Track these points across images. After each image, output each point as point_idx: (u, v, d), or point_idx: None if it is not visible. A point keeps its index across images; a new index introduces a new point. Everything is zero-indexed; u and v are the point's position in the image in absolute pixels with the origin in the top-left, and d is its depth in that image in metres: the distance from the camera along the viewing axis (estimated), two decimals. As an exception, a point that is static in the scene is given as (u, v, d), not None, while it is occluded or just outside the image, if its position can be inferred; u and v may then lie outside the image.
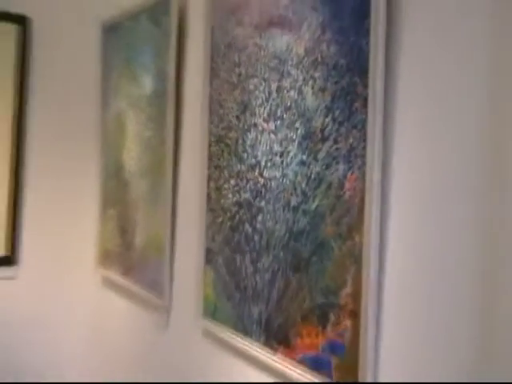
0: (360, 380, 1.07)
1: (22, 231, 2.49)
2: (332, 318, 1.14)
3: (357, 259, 1.09)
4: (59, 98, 2.54)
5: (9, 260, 2.47)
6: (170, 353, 1.86)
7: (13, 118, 2.43)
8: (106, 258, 2.32)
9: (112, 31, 2.30)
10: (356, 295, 1.09)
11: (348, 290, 1.11)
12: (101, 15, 2.38)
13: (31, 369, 2.49)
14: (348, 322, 1.10)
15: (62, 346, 2.55)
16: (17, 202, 2.46)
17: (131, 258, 2.08)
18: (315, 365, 1.18)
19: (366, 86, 1.07)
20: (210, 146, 1.58)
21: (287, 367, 1.26)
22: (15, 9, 2.42)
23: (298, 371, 1.23)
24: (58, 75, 2.53)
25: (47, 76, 2.52)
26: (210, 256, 1.57)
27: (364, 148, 1.08)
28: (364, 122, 1.08)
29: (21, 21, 2.43)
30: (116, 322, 2.31)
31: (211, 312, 1.56)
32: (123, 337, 2.24)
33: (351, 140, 1.11)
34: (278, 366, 1.29)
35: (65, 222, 2.56)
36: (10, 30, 2.40)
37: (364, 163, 1.08)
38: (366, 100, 1.07)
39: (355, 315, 1.09)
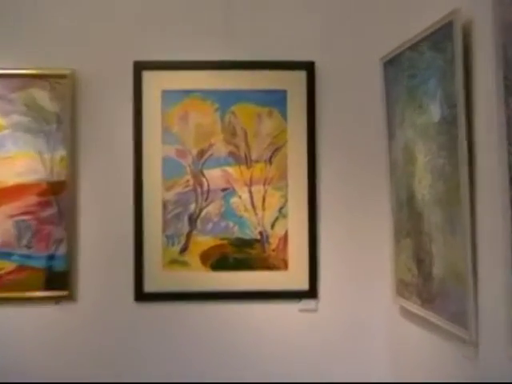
0: None
1: (320, 266, 2.68)
2: None
3: None
4: (345, 132, 2.71)
5: (310, 293, 2.66)
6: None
7: (307, 155, 2.67)
8: (403, 288, 2.36)
9: (392, 64, 2.38)
10: None
11: None
12: (379, 50, 2.49)
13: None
14: None
15: (362, 373, 2.66)
16: (314, 239, 2.67)
17: (429, 288, 2.09)
18: None
19: None
20: (510, 167, 1.54)
21: None
22: (299, 57, 2.68)
23: None
24: (341, 111, 2.71)
25: (333, 112, 2.71)
26: (519, 284, 1.52)
27: None
28: None
29: (308, 67, 2.67)
30: (415, 352, 2.34)
31: (526, 345, 1.50)
32: (423, 368, 2.26)
33: None
34: None
35: (359, 254, 2.69)
36: (300, 76, 2.67)
37: None
38: None
39: None
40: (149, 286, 2.65)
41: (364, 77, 2.66)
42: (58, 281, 2.60)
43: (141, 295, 2.65)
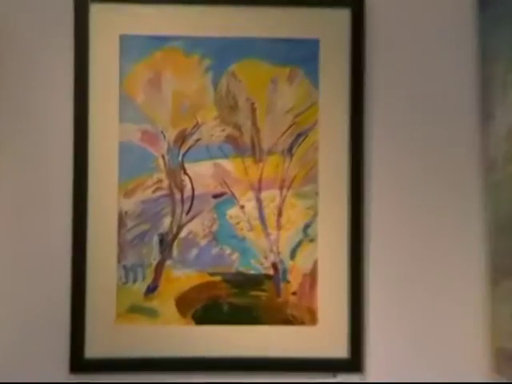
0: None
1: (367, 321, 2.50)
2: None
3: None
4: (411, 109, 2.53)
5: (351, 364, 2.49)
6: None
7: (349, 144, 2.47)
8: (504, 361, 2.25)
9: (491, 2, 2.30)
10: None
11: None
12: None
13: None
14: None
15: None
16: (358, 277, 2.48)
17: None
18: None
19: None
20: None
21: None
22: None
23: None
24: (406, 74, 2.54)
25: (392, 76, 2.54)
26: None
27: None
28: None
29: (354, 2, 2.50)
30: None
31: None
32: None
33: None
34: None
35: (429, 303, 2.50)
36: (340, 17, 2.50)
37: None
38: None
39: None
40: (93, 350, 2.40)
41: (444, 21, 2.48)
42: None
43: (80, 364, 2.39)
